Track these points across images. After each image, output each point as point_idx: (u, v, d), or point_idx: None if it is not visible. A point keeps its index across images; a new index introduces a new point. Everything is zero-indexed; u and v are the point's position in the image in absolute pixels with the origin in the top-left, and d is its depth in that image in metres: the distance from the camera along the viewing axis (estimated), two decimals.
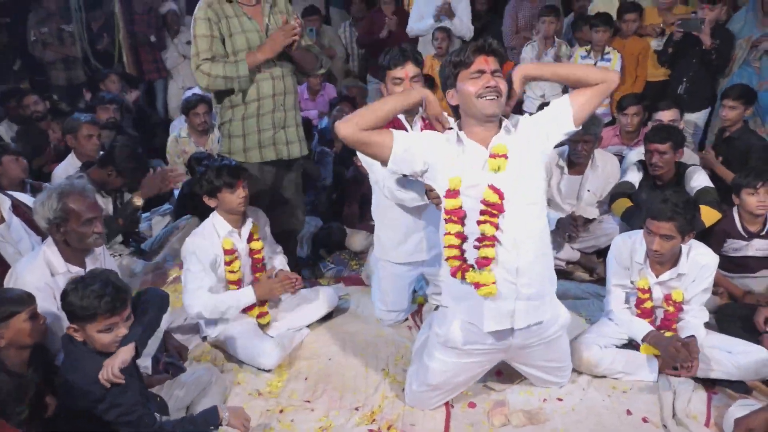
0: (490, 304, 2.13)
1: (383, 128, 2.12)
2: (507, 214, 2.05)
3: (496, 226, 2.04)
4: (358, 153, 2.78)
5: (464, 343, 2.25)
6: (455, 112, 2.16)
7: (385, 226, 2.88)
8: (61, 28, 5.95)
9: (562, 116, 2.12)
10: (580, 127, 2.15)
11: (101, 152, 3.61)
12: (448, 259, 2.15)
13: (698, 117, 4.62)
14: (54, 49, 5.91)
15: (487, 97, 2.01)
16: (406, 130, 2.56)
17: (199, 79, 2.89)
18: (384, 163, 2.14)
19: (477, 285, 2.09)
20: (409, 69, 2.61)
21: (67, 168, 3.57)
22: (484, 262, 2.07)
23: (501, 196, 2.03)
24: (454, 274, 2.15)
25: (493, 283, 2.08)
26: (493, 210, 2.04)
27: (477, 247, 2.07)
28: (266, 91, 2.97)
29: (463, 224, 2.11)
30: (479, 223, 2.06)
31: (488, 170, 2.05)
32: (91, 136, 3.68)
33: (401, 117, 2.66)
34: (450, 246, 2.13)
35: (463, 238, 2.12)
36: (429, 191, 2.38)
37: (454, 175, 2.08)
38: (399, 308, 3.03)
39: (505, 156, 2.04)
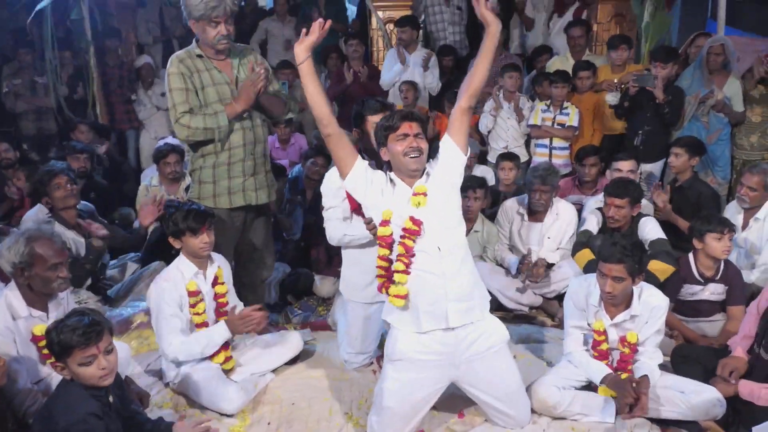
0: (426, 307, 2.43)
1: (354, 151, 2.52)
2: (430, 233, 2.42)
3: (409, 249, 2.42)
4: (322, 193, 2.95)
5: (412, 350, 2.45)
6: (388, 165, 2.55)
7: (354, 266, 2.97)
8: (35, 80, 6.03)
9: (451, 154, 2.50)
10: (468, 153, 2.57)
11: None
12: (377, 276, 2.54)
13: (654, 167, 4.84)
14: (26, 100, 5.97)
15: (411, 155, 2.41)
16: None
17: (178, 131, 2.98)
18: (343, 176, 2.51)
19: (390, 294, 2.46)
20: None
21: (38, 213, 3.59)
22: (397, 273, 2.45)
23: (418, 224, 2.41)
24: (380, 289, 2.54)
25: (403, 296, 2.42)
26: (407, 234, 2.42)
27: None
28: (237, 141, 3.07)
29: (390, 249, 2.48)
30: (399, 243, 2.43)
31: (411, 205, 2.43)
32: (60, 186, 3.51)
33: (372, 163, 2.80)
34: (379, 266, 2.53)
35: (390, 261, 2.50)
36: (367, 224, 2.70)
37: (386, 208, 2.46)
38: (368, 350, 3.06)
39: (424, 194, 2.43)
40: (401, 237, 2.42)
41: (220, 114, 2.94)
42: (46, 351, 2.40)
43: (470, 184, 3.83)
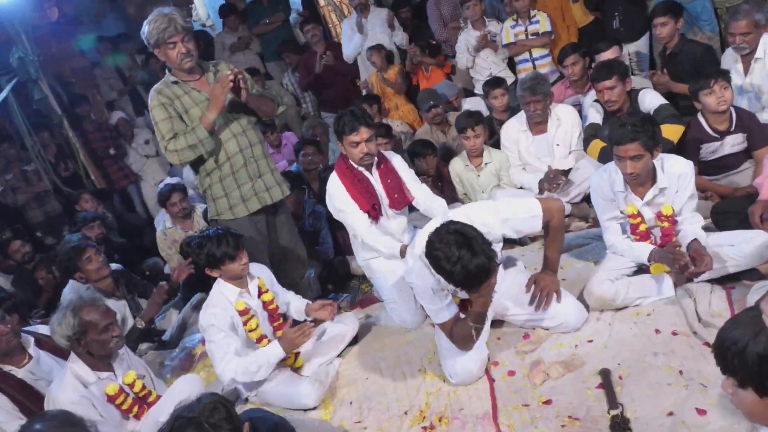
0: None
1: None
2: None
3: None
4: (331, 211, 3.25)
5: None
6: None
7: (364, 252, 3.17)
8: (24, 169, 6.10)
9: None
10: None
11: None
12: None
13: (640, 45, 4.75)
14: (23, 192, 6.05)
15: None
16: (372, 185, 3.10)
17: (170, 158, 3.04)
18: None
19: None
20: (363, 132, 2.99)
21: (73, 287, 3.67)
22: None
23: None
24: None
25: None
26: None
27: None
28: (232, 149, 3.12)
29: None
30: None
31: None
32: (91, 259, 3.52)
33: (362, 169, 3.10)
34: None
35: None
36: None
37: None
38: (409, 303, 3.05)
39: None
40: None
41: (197, 128, 2.98)
42: (125, 407, 2.50)
43: (467, 123, 3.81)
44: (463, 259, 2.11)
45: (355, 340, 3.11)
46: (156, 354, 3.44)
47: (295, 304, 3.04)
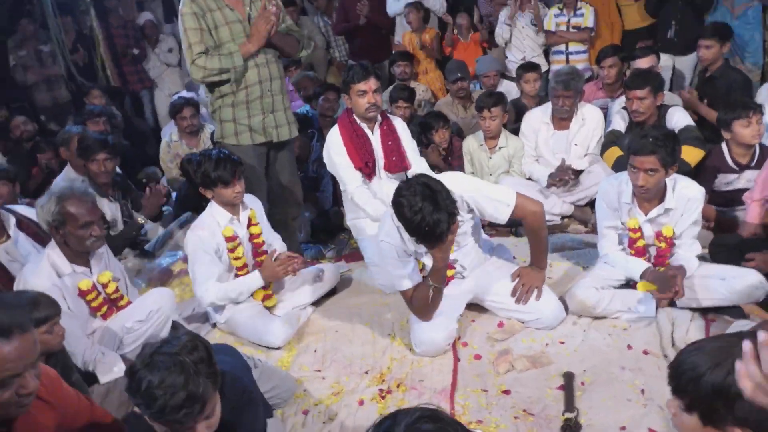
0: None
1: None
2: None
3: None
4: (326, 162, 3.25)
5: None
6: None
7: (354, 211, 3.22)
8: (39, 49, 5.98)
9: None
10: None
11: None
12: None
13: (689, 60, 4.63)
14: (35, 72, 5.94)
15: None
16: (370, 143, 3.13)
17: (194, 72, 2.98)
18: None
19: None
20: (372, 83, 3.04)
21: (67, 175, 3.65)
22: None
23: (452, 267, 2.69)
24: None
25: None
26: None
27: None
28: (252, 78, 3.05)
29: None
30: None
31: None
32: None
33: (364, 126, 3.15)
34: None
35: None
36: None
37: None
38: None
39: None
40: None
41: (235, 54, 2.94)
42: (94, 304, 2.50)
43: (484, 104, 3.75)
44: (424, 210, 2.17)
45: (333, 292, 3.11)
46: (136, 262, 3.44)
47: (277, 245, 3.02)
